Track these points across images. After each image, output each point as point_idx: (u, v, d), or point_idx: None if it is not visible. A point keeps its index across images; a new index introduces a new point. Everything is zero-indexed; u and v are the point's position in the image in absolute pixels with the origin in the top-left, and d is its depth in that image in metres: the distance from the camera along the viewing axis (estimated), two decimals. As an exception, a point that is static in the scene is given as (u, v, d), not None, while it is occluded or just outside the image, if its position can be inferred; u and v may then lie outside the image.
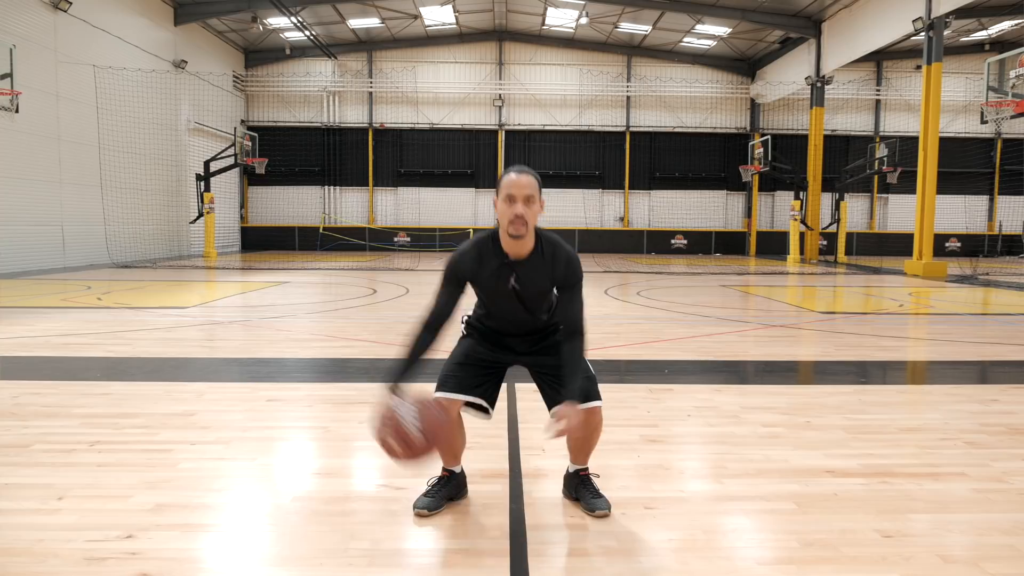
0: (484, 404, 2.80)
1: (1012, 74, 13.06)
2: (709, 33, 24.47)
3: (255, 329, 7.63)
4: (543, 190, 2.69)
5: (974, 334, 7.70)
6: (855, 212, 27.44)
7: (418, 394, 2.58)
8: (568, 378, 2.66)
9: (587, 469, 2.90)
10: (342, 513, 2.77)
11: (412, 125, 27.00)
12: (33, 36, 14.78)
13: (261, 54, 26.23)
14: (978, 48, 25.20)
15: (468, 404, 2.80)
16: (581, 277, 2.75)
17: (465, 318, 2.95)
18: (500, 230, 2.68)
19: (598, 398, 2.75)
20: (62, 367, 5.57)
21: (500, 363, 2.87)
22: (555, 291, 2.80)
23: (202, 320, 8.21)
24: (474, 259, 2.71)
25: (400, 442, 2.45)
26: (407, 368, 2.65)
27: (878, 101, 27.62)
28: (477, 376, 2.79)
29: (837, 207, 22.63)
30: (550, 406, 2.82)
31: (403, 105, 26.97)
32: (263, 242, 26.55)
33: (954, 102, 25.63)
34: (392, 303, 10.05)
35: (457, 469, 2.90)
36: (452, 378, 2.77)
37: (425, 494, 2.82)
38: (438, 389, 2.76)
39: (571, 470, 2.92)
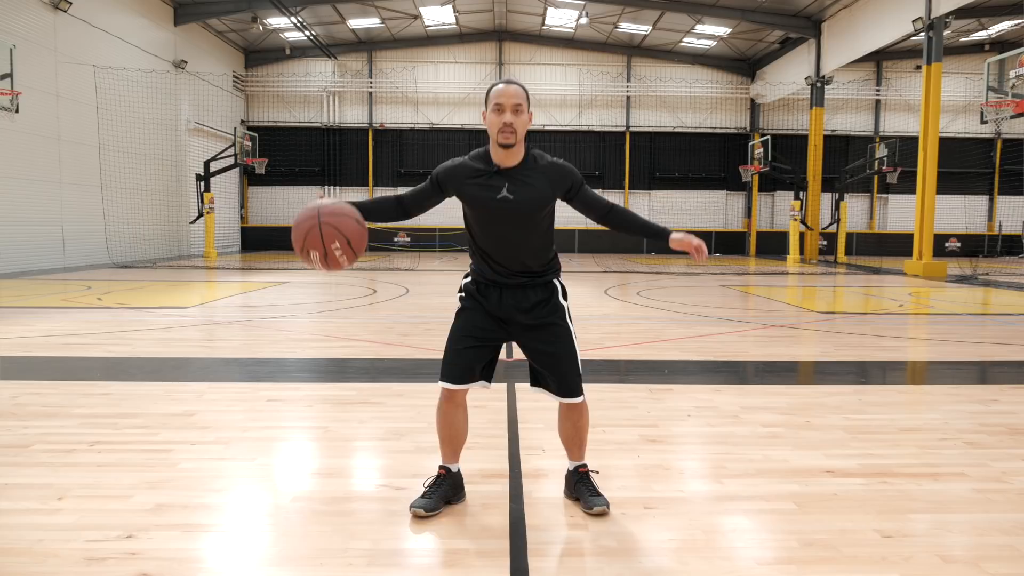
0: (484, 383, 2.87)
1: (1012, 74, 13.06)
2: (709, 33, 24.47)
3: (255, 329, 7.63)
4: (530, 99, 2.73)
5: (974, 334, 7.70)
6: (855, 212, 27.44)
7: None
8: (646, 226, 2.85)
9: (585, 465, 2.91)
10: (342, 513, 2.77)
11: (412, 125, 27.00)
12: (33, 36, 14.78)
13: (261, 54, 26.23)
14: (978, 48, 25.21)
15: None
16: (581, 177, 2.82)
17: (462, 283, 2.90)
18: (490, 142, 2.71)
19: (581, 393, 2.82)
20: (62, 367, 5.57)
21: (497, 338, 2.83)
22: (554, 205, 2.80)
23: (202, 320, 8.21)
24: (463, 168, 2.74)
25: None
26: (361, 204, 2.74)
27: (878, 101, 27.62)
28: (476, 359, 2.79)
29: (837, 207, 22.64)
30: (535, 382, 2.89)
31: (403, 105, 26.97)
32: (263, 242, 26.52)
33: (954, 102, 25.63)
34: (392, 303, 10.05)
35: (454, 468, 2.89)
36: (455, 367, 2.77)
37: (422, 495, 2.80)
38: (443, 379, 2.79)
39: (571, 468, 2.92)
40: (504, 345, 2.91)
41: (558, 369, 2.78)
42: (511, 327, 2.82)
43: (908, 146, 20.84)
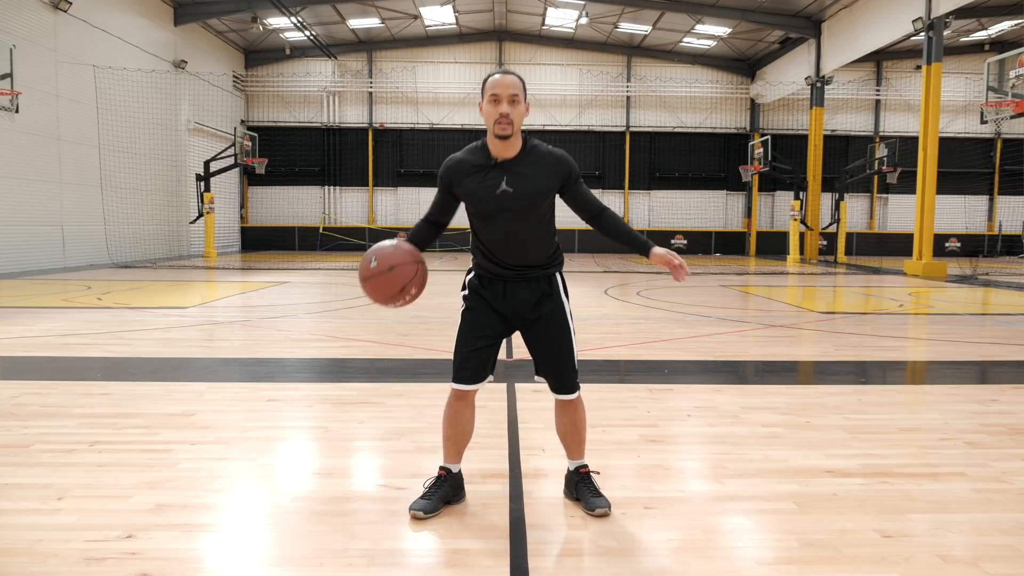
0: (490, 377, 2.90)
1: (1012, 74, 13.06)
2: (709, 33, 24.47)
3: (255, 329, 7.63)
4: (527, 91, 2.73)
5: (974, 334, 7.70)
6: (855, 212, 27.44)
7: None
8: (631, 236, 2.82)
9: (586, 466, 2.90)
10: (342, 513, 2.77)
11: (412, 125, 27.00)
12: (33, 36, 14.78)
13: (261, 54, 26.23)
14: (978, 48, 25.21)
15: None
16: (579, 170, 2.80)
17: (466, 280, 2.90)
18: (488, 133, 2.70)
19: (576, 390, 2.85)
20: (62, 367, 5.57)
21: (503, 333, 2.86)
22: (554, 196, 2.77)
23: (202, 320, 8.21)
24: (462, 164, 2.75)
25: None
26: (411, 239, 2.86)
27: (878, 101, 27.62)
28: (485, 359, 2.81)
29: (837, 207, 22.64)
30: (537, 371, 2.92)
31: (403, 105, 26.97)
32: (263, 242, 26.54)
33: (954, 102, 25.63)
34: (392, 303, 10.03)
35: (455, 468, 2.88)
36: (468, 369, 2.78)
37: (421, 496, 2.80)
38: (457, 381, 2.80)
39: (571, 468, 2.92)
40: (504, 344, 2.92)
41: (555, 366, 2.81)
42: (515, 321, 2.84)
43: (908, 146, 20.85)
